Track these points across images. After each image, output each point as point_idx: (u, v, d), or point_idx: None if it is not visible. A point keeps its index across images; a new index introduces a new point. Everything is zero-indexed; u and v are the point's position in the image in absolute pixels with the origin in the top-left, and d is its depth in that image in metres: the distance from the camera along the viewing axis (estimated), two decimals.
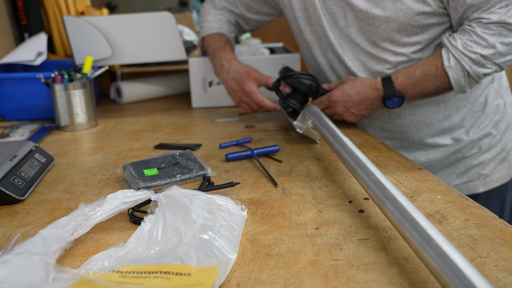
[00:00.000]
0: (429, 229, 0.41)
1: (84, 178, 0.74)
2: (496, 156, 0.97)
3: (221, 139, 0.94)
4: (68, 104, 1.04)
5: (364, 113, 0.92)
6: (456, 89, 0.84)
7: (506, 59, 0.80)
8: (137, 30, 1.21)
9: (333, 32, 0.94)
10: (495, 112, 0.96)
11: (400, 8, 0.83)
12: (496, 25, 0.78)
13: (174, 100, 1.38)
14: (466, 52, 0.80)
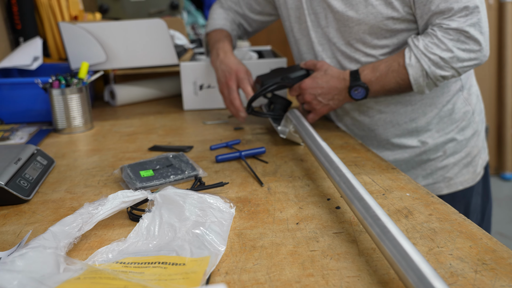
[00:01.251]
0: (388, 223, 0.47)
1: (84, 179, 0.80)
2: (461, 161, 1.02)
3: (212, 141, 1.00)
4: (65, 108, 1.10)
5: (331, 103, 0.96)
6: (415, 87, 0.89)
7: (463, 64, 0.86)
8: (131, 36, 1.26)
9: (315, 31, 1.01)
10: (462, 119, 1.01)
11: (371, 12, 0.89)
12: (455, 32, 0.84)
13: (166, 102, 1.44)
14: (426, 53, 0.86)
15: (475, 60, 0.86)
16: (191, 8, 3.50)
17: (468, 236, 0.56)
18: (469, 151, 1.03)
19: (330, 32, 0.98)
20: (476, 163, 1.05)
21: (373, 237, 0.49)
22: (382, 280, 0.48)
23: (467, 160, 1.03)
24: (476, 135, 1.05)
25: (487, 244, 0.54)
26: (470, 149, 1.03)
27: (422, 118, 1.00)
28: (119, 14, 2.04)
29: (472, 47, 0.85)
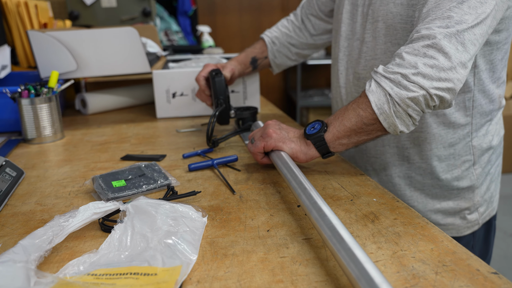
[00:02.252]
0: (342, 231, 0.50)
1: (55, 190, 0.80)
2: (446, 207, 0.97)
3: (185, 149, 1.01)
4: (35, 118, 1.08)
5: (286, 136, 0.82)
6: (381, 118, 0.73)
7: (433, 85, 0.69)
8: (102, 44, 1.26)
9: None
10: (459, 166, 0.95)
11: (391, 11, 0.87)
12: (423, 42, 0.71)
13: (139, 110, 1.44)
14: (385, 74, 0.72)
15: (447, 81, 0.70)
16: (164, 14, 3.49)
17: (430, 239, 0.59)
18: (458, 202, 0.97)
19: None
20: (464, 215, 0.97)
21: (326, 243, 0.51)
22: (349, 284, 0.50)
23: (453, 210, 0.97)
24: (472, 189, 0.96)
25: (447, 247, 0.57)
26: (459, 201, 0.96)
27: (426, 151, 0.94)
28: (90, 21, 2.02)
29: (442, 63, 0.69)
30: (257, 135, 0.85)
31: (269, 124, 0.85)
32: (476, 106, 0.91)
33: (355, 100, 0.77)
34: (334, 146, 0.78)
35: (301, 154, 0.80)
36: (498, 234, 2.66)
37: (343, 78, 1.02)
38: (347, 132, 0.77)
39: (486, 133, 0.95)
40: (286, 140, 0.81)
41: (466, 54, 0.70)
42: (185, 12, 3.64)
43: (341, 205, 0.70)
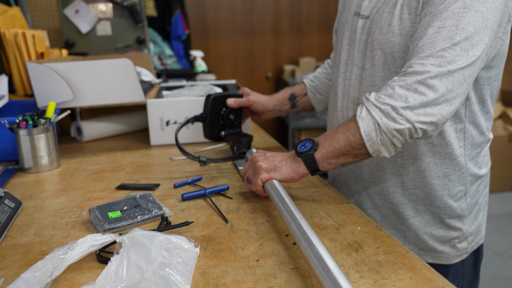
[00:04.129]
0: (328, 262, 0.54)
1: (52, 221, 0.82)
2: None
3: (178, 178, 1.04)
4: (32, 148, 1.12)
5: (276, 162, 0.86)
6: (368, 144, 0.78)
7: (419, 119, 0.75)
8: (98, 75, 1.30)
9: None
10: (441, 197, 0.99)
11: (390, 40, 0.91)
12: (415, 78, 0.76)
13: (133, 137, 1.47)
14: (376, 103, 0.77)
15: (431, 116, 0.76)
16: (158, 39, 3.56)
17: (410, 267, 0.63)
18: (448, 231, 1.00)
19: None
20: (454, 244, 1.01)
21: (313, 272, 0.55)
22: None
23: (443, 238, 1.00)
24: (461, 219, 1.00)
25: (425, 275, 0.61)
26: (449, 230, 1.00)
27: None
28: (86, 48, 2.07)
29: (429, 100, 0.75)
30: (249, 173, 0.89)
31: (255, 158, 0.89)
32: (468, 137, 0.96)
33: (346, 123, 0.82)
34: (323, 165, 0.83)
35: (292, 173, 0.85)
36: (487, 254, 2.70)
37: (340, 103, 1.06)
38: (336, 153, 0.82)
39: (476, 164, 0.99)
40: (277, 167, 0.85)
41: (453, 93, 0.76)
42: (179, 36, 3.72)
43: (327, 234, 0.74)
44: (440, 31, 0.78)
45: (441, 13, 0.79)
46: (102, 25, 2.04)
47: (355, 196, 1.07)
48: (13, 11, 1.80)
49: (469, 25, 0.77)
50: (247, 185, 0.90)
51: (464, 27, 0.76)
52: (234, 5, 4.34)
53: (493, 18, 0.79)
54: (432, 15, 0.80)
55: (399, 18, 0.89)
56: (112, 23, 2.05)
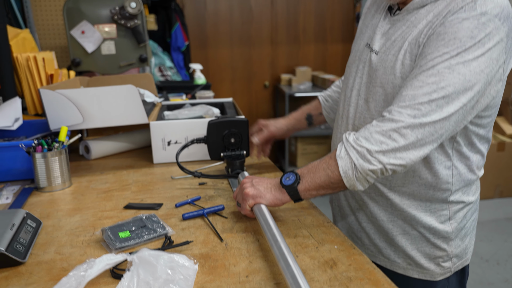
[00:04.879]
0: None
1: (70, 239, 0.94)
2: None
3: (179, 197, 1.16)
4: (47, 170, 1.23)
5: (261, 189, 0.97)
6: (345, 181, 0.88)
7: (390, 161, 0.86)
8: (105, 99, 1.42)
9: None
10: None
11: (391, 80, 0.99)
12: (390, 125, 0.87)
13: (137, 155, 1.59)
14: (354, 145, 0.88)
15: (401, 160, 0.87)
16: (158, 50, 3.69)
17: (374, 282, 0.75)
18: (433, 250, 1.08)
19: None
20: (438, 262, 1.09)
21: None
22: None
23: (428, 256, 1.08)
24: (446, 241, 1.08)
25: None
26: (434, 249, 1.08)
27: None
28: (91, 67, 2.19)
29: (400, 146, 0.86)
30: (239, 198, 1.01)
31: (243, 184, 1.00)
32: (456, 174, 1.03)
33: (326, 160, 0.93)
34: (305, 195, 0.95)
35: (276, 201, 0.97)
36: (474, 259, 2.82)
37: (344, 127, 1.16)
38: (316, 187, 0.93)
39: (463, 193, 1.06)
40: (262, 194, 0.97)
41: (422, 141, 0.87)
42: (178, 47, 3.84)
43: (307, 252, 0.86)
44: (423, 85, 0.87)
45: (428, 69, 0.88)
46: (107, 44, 2.17)
47: (347, 216, 1.18)
48: (24, 34, 1.92)
49: (449, 86, 0.86)
50: (238, 208, 1.02)
51: (443, 87, 0.86)
52: (232, 16, 4.47)
53: (476, 81, 0.87)
54: (421, 68, 0.90)
55: (401, 62, 0.98)
56: (116, 42, 2.17)
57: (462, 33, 0.86)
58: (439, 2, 0.96)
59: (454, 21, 0.88)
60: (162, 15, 3.86)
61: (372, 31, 1.12)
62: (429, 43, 0.92)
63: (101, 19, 2.14)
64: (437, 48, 0.89)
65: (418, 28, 0.97)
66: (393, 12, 1.07)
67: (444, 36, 0.89)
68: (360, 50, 1.15)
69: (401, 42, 1.00)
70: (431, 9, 0.97)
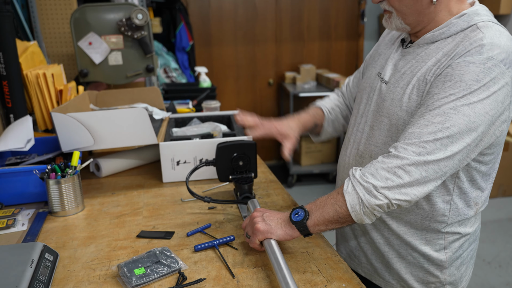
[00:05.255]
0: None
1: (87, 274, 0.98)
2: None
3: (189, 225, 1.20)
4: (60, 195, 1.27)
5: (272, 224, 0.99)
6: (353, 215, 0.92)
7: (395, 197, 0.89)
8: (115, 122, 1.44)
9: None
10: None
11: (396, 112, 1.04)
12: (395, 162, 0.90)
13: (146, 172, 1.62)
14: (361, 181, 0.91)
15: (406, 195, 0.90)
16: (163, 51, 3.69)
17: None
18: (426, 276, 1.12)
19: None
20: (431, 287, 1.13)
21: None
22: None
23: (421, 280, 1.13)
24: (440, 269, 1.11)
25: None
26: (428, 275, 1.12)
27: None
28: (99, 77, 2.21)
29: (405, 183, 0.89)
30: (249, 230, 1.03)
31: (254, 218, 1.02)
32: (453, 208, 1.06)
33: (334, 196, 0.96)
34: (314, 230, 0.98)
35: (287, 236, 0.99)
36: (476, 262, 2.86)
37: (349, 149, 1.20)
38: (325, 222, 0.96)
39: (460, 225, 1.08)
40: (272, 229, 1.00)
41: (427, 178, 0.89)
42: (183, 48, 3.85)
43: None
44: (429, 124, 0.90)
45: (434, 109, 0.91)
46: (114, 55, 2.18)
47: (349, 240, 1.22)
48: (32, 48, 1.94)
49: (453, 126, 0.89)
50: (246, 239, 1.05)
51: (448, 127, 0.89)
52: (236, 14, 4.45)
53: (480, 122, 0.90)
54: (427, 107, 0.93)
55: (408, 96, 1.01)
56: (123, 53, 2.19)
57: (468, 76, 0.89)
58: (449, 40, 0.99)
59: (461, 63, 0.91)
60: (166, 15, 3.86)
61: (384, 60, 1.16)
62: (437, 83, 0.94)
63: (108, 30, 2.15)
64: (444, 89, 0.91)
65: (427, 65, 1.00)
66: (406, 45, 1.10)
67: (451, 77, 0.91)
68: (371, 77, 1.19)
69: (410, 76, 1.03)
70: (441, 47, 0.99)
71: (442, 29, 1.00)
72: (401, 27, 1.04)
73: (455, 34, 0.98)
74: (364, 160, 1.14)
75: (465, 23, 0.98)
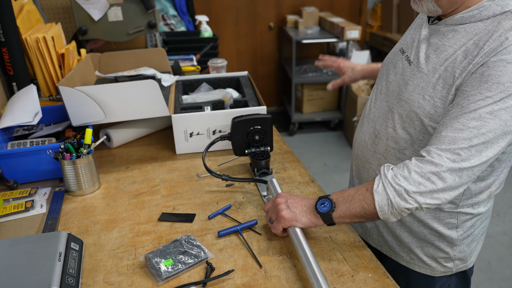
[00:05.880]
0: None
1: (115, 264, 0.99)
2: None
3: (209, 205, 1.20)
4: (76, 176, 1.25)
5: (297, 212, 0.99)
6: (380, 214, 0.92)
7: (426, 201, 0.89)
8: (126, 95, 1.39)
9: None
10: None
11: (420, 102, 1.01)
12: (430, 168, 0.88)
13: (158, 142, 1.59)
14: (392, 183, 0.90)
15: (437, 200, 0.89)
16: None
17: None
18: (437, 251, 1.16)
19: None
20: (440, 262, 1.16)
21: None
22: None
23: (431, 255, 1.16)
24: (451, 246, 1.14)
25: None
26: (438, 250, 1.15)
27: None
28: (98, 34, 2.10)
29: (438, 188, 0.88)
30: (272, 216, 1.03)
31: (278, 205, 1.01)
32: (466, 193, 1.06)
33: (362, 192, 0.95)
34: (338, 221, 0.98)
35: (311, 224, 1.00)
36: None
37: (366, 125, 1.20)
38: (351, 216, 0.96)
39: (473, 206, 1.09)
40: (298, 217, 1.00)
41: (459, 183, 0.89)
42: None
43: (344, 283, 0.91)
44: (464, 129, 0.87)
45: (470, 112, 0.87)
46: (113, 11, 2.06)
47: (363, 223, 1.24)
48: (27, 6, 1.82)
49: (490, 132, 0.86)
50: (269, 224, 1.05)
51: (484, 133, 0.86)
52: None
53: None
54: (462, 109, 0.89)
55: (433, 86, 0.97)
56: (123, 8, 2.07)
57: (506, 78, 0.85)
58: (479, 25, 0.94)
59: (498, 63, 0.86)
60: None
61: (410, 38, 1.12)
62: (472, 83, 0.90)
63: None
64: (480, 91, 0.87)
65: (456, 53, 0.95)
66: (432, 21, 1.04)
67: (487, 78, 0.87)
68: (395, 52, 1.15)
69: (436, 63, 0.99)
70: (470, 31, 0.94)
71: (473, 12, 0.94)
72: (433, 9, 0.98)
73: (487, 19, 0.93)
74: (380, 141, 1.13)
75: (498, 7, 0.92)
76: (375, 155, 1.15)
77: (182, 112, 1.54)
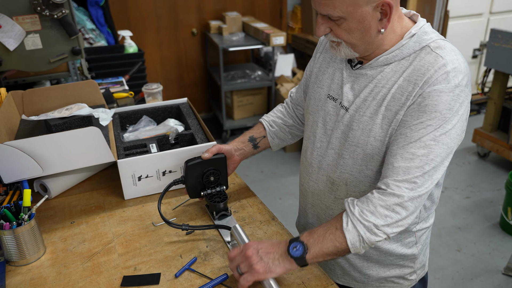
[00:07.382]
0: None
1: None
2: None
3: (173, 259, 1.14)
4: (18, 245, 1.12)
5: (270, 263, 0.97)
6: (352, 250, 0.95)
7: (393, 231, 0.95)
8: (65, 145, 1.27)
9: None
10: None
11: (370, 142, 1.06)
12: (393, 200, 0.94)
13: (101, 187, 1.48)
14: (361, 219, 0.94)
15: (402, 227, 0.96)
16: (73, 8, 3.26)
17: None
18: (402, 269, 1.23)
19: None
20: (406, 277, 1.24)
21: None
22: None
23: (398, 275, 1.23)
24: (413, 260, 1.22)
25: None
26: (403, 268, 1.22)
27: None
28: (15, 65, 1.90)
29: (402, 217, 0.95)
30: (242, 267, 0.98)
31: (249, 257, 0.98)
32: (421, 210, 1.14)
33: (333, 232, 0.97)
34: (311, 262, 0.99)
35: (285, 271, 0.99)
36: None
37: (315, 175, 1.20)
38: (324, 255, 0.98)
39: (425, 222, 1.19)
40: (271, 268, 0.98)
41: (418, 207, 0.97)
42: (96, 2, 3.42)
43: None
44: (414, 158, 0.95)
45: (415, 141, 0.95)
46: (31, 38, 1.87)
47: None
48: None
49: (437, 157, 0.95)
50: (235, 273, 1.01)
51: (433, 158, 0.95)
52: None
53: (454, 144, 0.98)
54: (408, 139, 0.96)
55: (380, 126, 1.03)
56: (42, 35, 1.88)
57: (442, 106, 0.94)
58: (403, 63, 1.02)
59: (432, 93, 0.95)
60: None
61: (334, 82, 1.15)
62: (411, 113, 0.97)
63: (19, 9, 1.82)
64: (421, 121, 0.96)
65: (390, 92, 1.01)
66: (354, 65, 1.09)
67: (425, 108, 0.95)
68: (321, 99, 1.18)
69: (375, 104, 1.04)
70: (397, 70, 1.02)
71: (395, 52, 1.02)
72: (350, 54, 1.04)
73: (409, 56, 1.01)
74: (338, 188, 1.16)
75: (416, 44, 1.01)
76: (337, 201, 1.18)
77: (127, 153, 1.45)
